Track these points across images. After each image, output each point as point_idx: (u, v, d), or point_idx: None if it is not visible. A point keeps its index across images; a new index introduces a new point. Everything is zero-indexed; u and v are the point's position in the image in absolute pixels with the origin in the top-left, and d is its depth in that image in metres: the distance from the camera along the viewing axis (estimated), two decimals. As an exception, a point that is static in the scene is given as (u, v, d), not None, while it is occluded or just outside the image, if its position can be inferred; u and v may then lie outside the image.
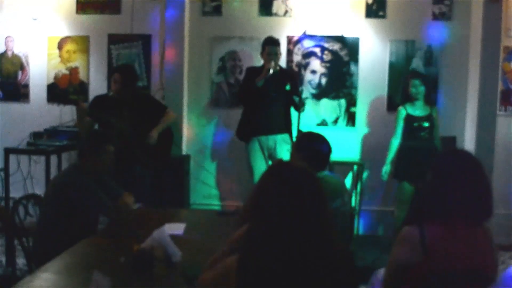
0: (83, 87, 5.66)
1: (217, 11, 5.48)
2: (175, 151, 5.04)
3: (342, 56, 5.41)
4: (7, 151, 4.96)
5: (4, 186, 5.04)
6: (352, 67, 5.41)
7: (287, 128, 4.82)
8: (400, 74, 5.35)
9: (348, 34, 5.38)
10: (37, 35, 5.65)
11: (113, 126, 4.16)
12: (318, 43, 5.40)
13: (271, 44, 4.71)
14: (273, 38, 4.82)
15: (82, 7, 5.60)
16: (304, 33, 5.37)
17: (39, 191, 4.52)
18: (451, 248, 2.00)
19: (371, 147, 5.43)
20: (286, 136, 4.81)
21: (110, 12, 5.57)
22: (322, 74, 5.43)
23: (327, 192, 1.79)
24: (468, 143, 5.20)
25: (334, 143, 3.11)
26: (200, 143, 5.61)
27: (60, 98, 4.52)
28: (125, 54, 5.59)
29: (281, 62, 4.91)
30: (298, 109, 4.57)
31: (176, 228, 3.01)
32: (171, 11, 5.36)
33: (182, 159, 5.29)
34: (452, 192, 2.03)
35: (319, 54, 5.41)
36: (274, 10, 5.43)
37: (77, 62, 5.66)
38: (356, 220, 5.21)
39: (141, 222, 3.21)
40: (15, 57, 5.72)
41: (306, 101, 4.73)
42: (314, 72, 5.43)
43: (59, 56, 5.66)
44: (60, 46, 5.65)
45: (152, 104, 4.60)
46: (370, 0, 5.34)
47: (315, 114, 5.43)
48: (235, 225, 1.91)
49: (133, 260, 2.37)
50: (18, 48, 5.71)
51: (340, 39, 5.39)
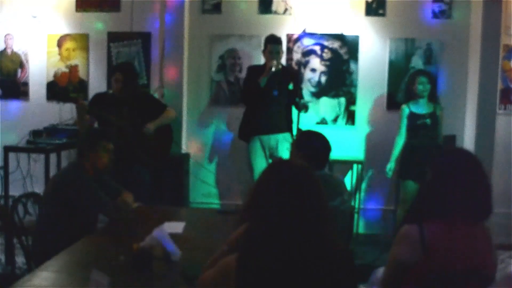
0: (82, 85, 5.65)
1: (216, 9, 5.47)
2: (174, 149, 5.04)
3: (341, 54, 5.41)
4: (7, 149, 4.96)
5: (3, 185, 5.03)
6: (352, 65, 5.41)
7: (288, 127, 4.82)
8: (400, 72, 5.35)
9: (347, 32, 5.37)
10: (36, 33, 5.64)
11: (112, 124, 4.16)
12: (318, 41, 5.40)
13: (273, 43, 4.69)
14: (275, 36, 4.80)
15: (82, 5, 5.59)
16: (303, 31, 5.36)
17: (39, 189, 4.51)
18: (450, 247, 2.00)
19: (371, 145, 5.44)
20: (288, 135, 4.81)
21: (109, 9, 5.57)
22: (322, 72, 5.43)
23: (327, 191, 1.79)
24: (468, 141, 5.20)
25: (334, 141, 3.11)
26: (200, 142, 5.61)
27: (60, 96, 4.51)
28: (124, 52, 5.59)
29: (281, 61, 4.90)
30: (300, 110, 4.56)
31: (176, 226, 3.00)
32: (171, 9, 5.36)
33: (181, 157, 5.29)
34: (451, 191, 2.03)
35: (318, 52, 5.41)
36: (274, 8, 5.42)
37: (76, 60, 5.66)
38: (356, 219, 5.21)
39: (140, 221, 3.21)
40: (15, 55, 5.72)
41: (309, 104, 4.71)
42: (313, 70, 5.43)
43: (59, 54, 5.65)
44: (59, 44, 5.64)
45: (152, 103, 4.60)
46: (370, -2, 5.35)
47: (314, 113, 5.43)
48: (235, 224, 1.91)
49: (132, 259, 2.37)
50: (18, 46, 5.70)
51: (339, 37, 5.38)
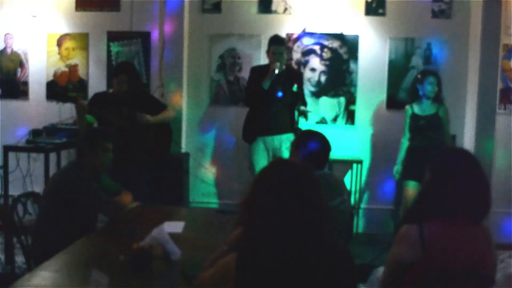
0: (82, 84, 5.65)
1: (216, 8, 5.47)
2: (174, 149, 5.04)
3: (341, 54, 5.40)
4: (6, 149, 4.96)
5: (3, 184, 5.03)
6: (352, 65, 5.41)
7: (292, 127, 4.78)
8: (399, 72, 5.35)
9: (347, 32, 5.37)
10: (36, 32, 5.64)
11: (112, 124, 4.15)
12: (318, 40, 5.39)
13: (277, 44, 4.64)
14: (279, 37, 4.77)
15: (82, 4, 5.58)
16: (303, 30, 5.36)
17: (38, 189, 4.51)
18: (450, 246, 2.00)
19: (370, 145, 5.44)
20: (291, 135, 4.77)
21: (109, 9, 5.57)
22: (322, 72, 5.43)
23: (327, 190, 1.79)
24: (468, 141, 5.20)
25: (334, 141, 3.10)
26: (199, 141, 5.60)
27: (59, 96, 4.49)
28: (124, 52, 5.58)
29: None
30: (299, 115, 4.54)
31: (175, 226, 3.00)
32: (171, 8, 5.35)
33: (181, 157, 5.28)
34: (451, 190, 2.04)
35: (318, 51, 5.41)
36: (274, 7, 5.42)
37: (76, 59, 5.65)
38: (356, 219, 5.22)
39: (140, 220, 3.21)
40: (15, 54, 5.71)
41: (309, 113, 4.70)
42: (313, 70, 5.43)
43: (59, 53, 5.65)
44: (59, 43, 5.64)
45: (152, 102, 4.59)
46: (369, -2, 5.35)
47: (314, 112, 5.42)
48: (235, 223, 1.91)
49: (132, 259, 2.37)
50: (18, 45, 5.70)
51: (339, 37, 5.38)
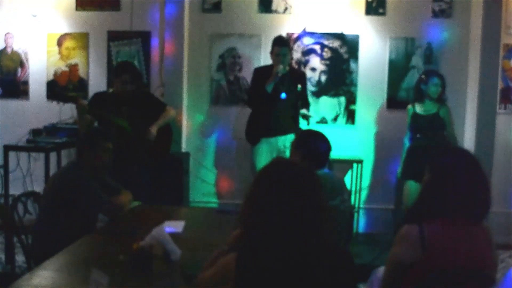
0: (82, 84, 5.65)
1: (216, 8, 5.47)
2: (174, 148, 5.03)
3: (341, 54, 5.40)
4: (7, 148, 4.96)
5: (3, 183, 5.03)
6: (352, 65, 5.40)
7: (296, 128, 4.76)
8: (400, 71, 5.35)
9: (348, 32, 5.37)
10: (36, 31, 5.64)
11: (112, 123, 4.15)
12: (318, 40, 5.39)
13: (279, 45, 4.59)
14: (282, 38, 4.74)
15: (82, 3, 5.58)
16: (303, 30, 5.36)
17: (39, 188, 4.50)
18: (450, 246, 2.00)
19: (370, 144, 5.43)
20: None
21: (109, 9, 5.57)
22: (322, 72, 5.42)
23: (327, 190, 1.79)
24: (468, 141, 5.20)
25: (334, 141, 3.11)
26: (200, 141, 5.60)
27: (59, 97, 4.48)
28: (124, 51, 5.58)
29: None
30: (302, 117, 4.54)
31: (176, 226, 3.00)
32: (171, 8, 5.35)
33: (181, 156, 5.28)
34: (451, 190, 2.04)
35: (318, 51, 5.40)
36: (274, 7, 5.42)
37: (76, 59, 5.65)
38: (356, 218, 5.21)
39: (140, 220, 3.21)
40: (15, 54, 5.71)
41: (310, 118, 4.69)
42: (313, 69, 5.42)
43: (59, 53, 5.65)
44: (59, 43, 5.64)
45: (152, 102, 4.58)
46: (370, -2, 5.35)
47: (314, 112, 5.41)
48: (235, 223, 1.91)
49: (132, 258, 2.37)
50: (18, 45, 5.70)
51: (340, 37, 5.38)
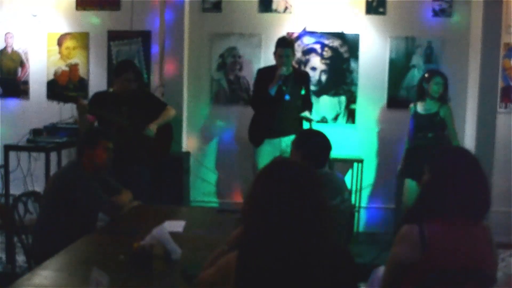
0: (82, 83, 5.65)
1: (216, 7, 5.47)
2: (174, 148, 5.04)
3: (342, 53, 5.40)
4: (7, 148, 4.95)
5: (4, 183, 5.03)
6: (352, 64, 5.40)
7: (299, 129, 4.75)
8: (400, 71, 5.35)
9: (348, 31, 5.36)
10: (36, 31, 5.64)
11: (113, 123, 4.15)
12: (318, 39, 5.39)
13: (283, 46, 4.56)
14: (285, 39, 4.72)
15: (82, 3, 5.59)
16: (304, 29, 5.36)
17: (39, 188, 4.51)
18: (450, 246, 2.00)
19: (371, 144, 5.43)
20: None
21: (109, 8, 5.57)
22: (322, 71, 5.42)
23: (327, 190, 1.79)
24: (468, 140, 5.20)
25: (334, 140, 3.11)
26: (200, 140, 5.60)
27: (60, 96, 4.47)
28: (124, 51, 5.58)
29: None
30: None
31: (176, 225, 3.00)
32: (171, 7, 5.35)
33: (181, 156, 5.28)
34: (450, 190, 2.03)
35: (319, 50, 5.40)
36: (274, 6, 5.42)
37: (76, 58, 5.65)
38: (356, 218, 5.21)
39: (140, 220, 3.21)
40: (15, 53, 5.71)
41: (313, 121, 4.69)
42: (314, 68, 5.42)
43: (59, 52, 5.65)
44: (60, 42, 5.64)
45: (152, 101, 4.59)
46: (370, -3, 5.34)
47: (315, 111, 5.41)
48: (235, 223, 1.91)
49: (132, 258, 2.37)
50: (18, 45, 5.70)
51: (340, 36, 5.38)
